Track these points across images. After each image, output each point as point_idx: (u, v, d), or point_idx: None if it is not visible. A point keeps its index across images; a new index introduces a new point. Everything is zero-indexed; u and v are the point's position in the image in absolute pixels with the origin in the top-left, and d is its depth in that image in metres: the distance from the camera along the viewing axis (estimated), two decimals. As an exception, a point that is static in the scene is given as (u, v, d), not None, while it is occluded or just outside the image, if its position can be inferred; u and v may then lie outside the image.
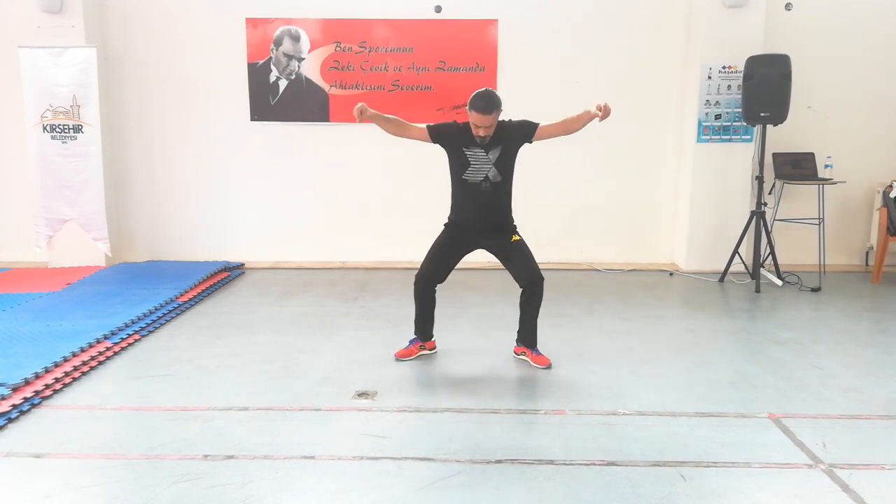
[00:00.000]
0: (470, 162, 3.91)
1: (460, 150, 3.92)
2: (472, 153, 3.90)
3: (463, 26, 6.68)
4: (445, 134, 3.97)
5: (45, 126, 6.40)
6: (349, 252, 6.99)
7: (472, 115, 3.78)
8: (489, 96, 3.77)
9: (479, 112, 3.74)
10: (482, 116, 3.74)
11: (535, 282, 3.98)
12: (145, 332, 4.67)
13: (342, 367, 4.05)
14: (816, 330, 4.86)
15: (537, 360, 4.05)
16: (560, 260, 6.78)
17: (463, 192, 4.00)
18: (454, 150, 3.95)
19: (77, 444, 3.05)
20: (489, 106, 3.74)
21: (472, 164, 3.91)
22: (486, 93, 3.79)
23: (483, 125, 3.77)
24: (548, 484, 2.72)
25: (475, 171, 3.92)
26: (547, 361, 4.04)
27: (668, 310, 5.37)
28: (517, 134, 3.95)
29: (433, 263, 4.04)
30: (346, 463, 2.89)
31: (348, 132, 6.82)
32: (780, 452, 3.00)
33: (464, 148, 3.91)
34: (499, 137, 3.89)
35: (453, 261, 4.08)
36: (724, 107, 6.47)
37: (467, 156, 3.91)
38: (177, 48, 6.71)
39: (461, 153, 3.92)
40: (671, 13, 6.65)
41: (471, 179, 3.93)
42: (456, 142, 3.93)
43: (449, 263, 4.07)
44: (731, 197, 6.56)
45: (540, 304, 4.05)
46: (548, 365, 4.02)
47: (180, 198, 6.94)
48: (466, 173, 3.93)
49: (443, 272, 4.07)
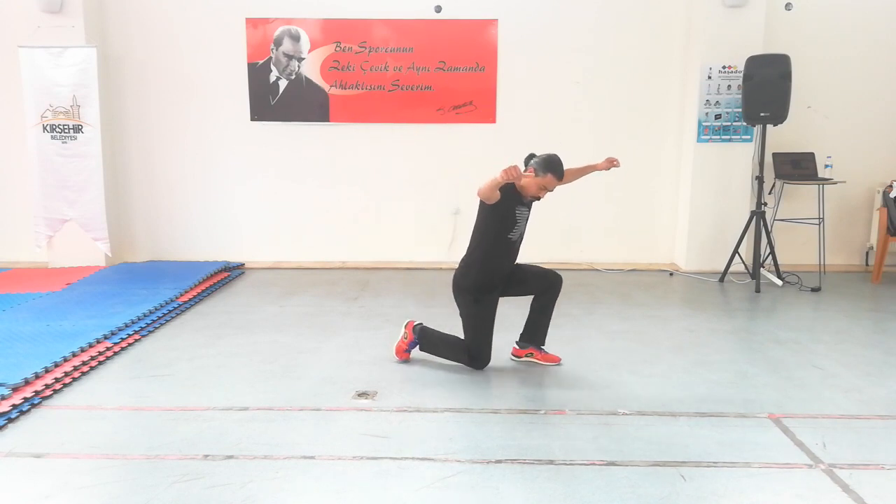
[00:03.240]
0: (517, 221, 3.86)
1: (512, 212, 3.82)
2: (520, 213, 3.87)
3: (463, 26, 6.68)
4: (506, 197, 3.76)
5: (44, 126, 6.40)
6: (349, 252, 7.00)
7: (546, 179, 3.74)
8: (561, 162, 3.80)
9: (556, 177, 3.76)
10: (557, 182, 3.78)
11: (554, 282, 4.00)
12: (145, 332, 4.67)
13: (342, 367, 4.05)
14: (816, 330, 4.86)
15: (547, 359, 4.07)
16: (560, 260, 6.78)
17: (502, 249, 3.89)
18: (508, 211, 3.80)
19: (77, 444, 3.05)
20: (563, 172, 3.81)
21: (519, 222, 3.87)
22: (558, 159, 3.79)
23: (553, 188, 3.80)
24: (548, 484, 2.72)
25: (518, 228, 3.89)
26: (557, 358, 4.07)
27: (668, 310, 5.37)
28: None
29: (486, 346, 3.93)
30: (346, 463, 2.89)
31: (348, 132, 6.82)
32: (780, 452, 3.00)
33: (516, 209, 3.83)
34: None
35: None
36: (724, 107, 6.47)
37: (517, 216, 3.85)
38: (177, 48, 6.71)
39: (512, 214, 3.82)
40: (671, 13, 6.65)
41: (513, 237, 3.89)
42: (512, 203, 3.80)
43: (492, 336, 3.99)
44: (731, 197, 6.56)
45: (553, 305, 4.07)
46: (558, 362, 4.06)
47: (180, 198, 6.94)
48: (513, 231, 3.86)
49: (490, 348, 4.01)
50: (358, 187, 6.91)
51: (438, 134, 6.82)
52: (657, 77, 6.77)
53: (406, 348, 4.13)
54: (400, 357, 4.14)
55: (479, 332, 3.92)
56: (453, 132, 6.79)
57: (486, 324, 3.93)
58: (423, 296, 5.72)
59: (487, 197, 3.65)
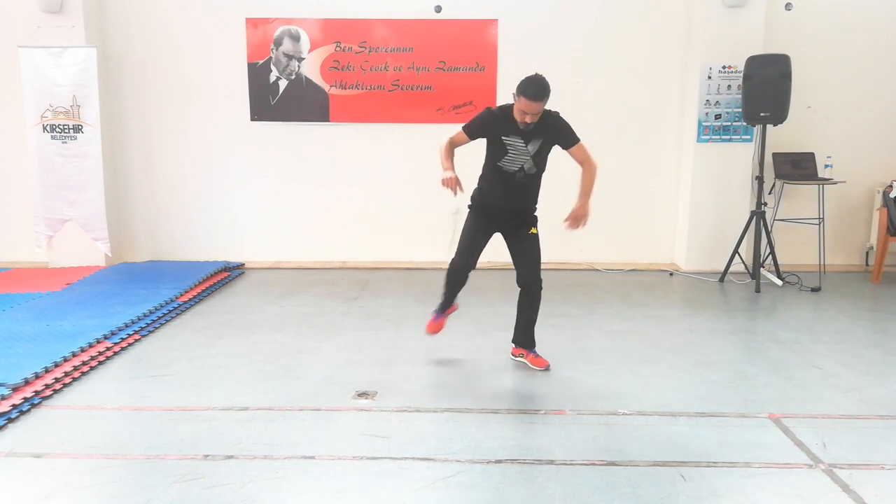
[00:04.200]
0: (508, 151, 3.78)
1: (499, 139, 3.78)
2: (511, 142, 3.77)
3: (463, 26, 6.68)
4: (481, 128, 3.84)
5: (44, 126, 6.40)
6: (349, 252, 6.99)
7: (521, 101, 3.60)
8: (541, 83, 3.59)
9: (529, 99, 3.57)
10: (532, 103, 3.58)
11: (533, 283, 3.95)
12: (145, 332, 4.67)
13: (342, 367, 4.05)
14: (816, 330, 4.86)
15: (536, 363, 4.03)
16: (560, 260, 6.78)
17: (496, 178, 3.89)
18: (493, 138, 3.82)
19: (77, 444, 3.05)
20: (540, 93, 3.57)
21: (511, 153, 3.79)
22: (537, 79, 3.60)
23: (532, 112, 3.61)
24: (548, 484, 2.72)
25: (512, 161, 3.80)
26: (545, 363, 4.01)
27: (668, 310, 5.37)
28: (558, 134, 3.81)
29: (466, 253, 3.98)
30: (346, 463, 2.89)
31: (348, 132, 6.82)
32: (780, 452, 3.00)
33: (503, 136, 3.76)
34: (542, 130, 3.75)
35: (483, 246, 4.02)
36: (724, 107, 6.47)
37: (506, 145, 3.77)
38: (177, 48, 6.71)
39: (500, 141, 3.78)
40: (671, 13, 6.65)
41: (506, 168, 3.82)
42: (494, 130, 3.79)
43: (479, 250, 4.01)
44: (731, 197, 6.56)
45: (538, 307, 4.02)
46: (546, 367, 4.00)
47: (180, 198, 6.94)
48: (503, 161, 3.82)
49: (475, 260, 4.01)
50: (358, 187, 6.91)
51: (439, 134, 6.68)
52: (657, 77, 6.77)
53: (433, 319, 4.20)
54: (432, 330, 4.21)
55: (463, 237, 4.01)
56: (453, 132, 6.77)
57: (470, 233, 3.99)
58: (423, 296, 5.72)
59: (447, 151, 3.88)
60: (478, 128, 3.87)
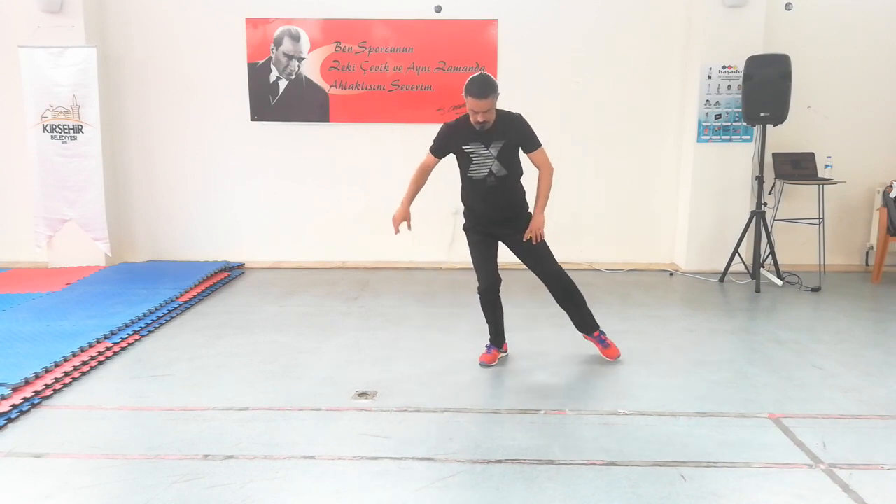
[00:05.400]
0: (472, 158, 3.84)
1: (461, 149, 3.86)
2: (472, 149, 3.82)
3: (463, 26, 6.68)
4: (443, 144, 3.91)
5: (44, 126, 6.40)
6: (349, 252, 6.99)
7: (468, 101, 3.66)
8: (483, 81, 3.65)
9: (474, 97, 3.62)
10: (478, 101, 3.62)
11: (552, 273, 3.98)
12: (145, 332, 4.67)
13: (342, 367, 4.05)
14: (816, 330, 4.86)
15: (606, 353, 4.12)
16: (560, 260, 6.72)
17: (471, 188, 3.93)
18: (456, 150, 3.89)
19: (77, 444, 3.05)
20: (483, 90, 3.61)
21: (475, 160, 3.83)
22: (480, 77, 3.67)
23: (480, 110, 3.64)
24: (548, 484, 2.72)
25: (479, 167, 3.84)
26: (616, 354, 4.12)
27: (668, 310, 5.37)
28: (519, 136, 3.85)
29: (482, 272, 3.97)
30: (346, 463, 2.89)
31: (348, 132, 6.82)
32: (780, 452, 3.00)
33: (464, 146, 3.84)
34: (503, 131, 3.79)
35: (492, 258, 4.00)
36: (724, 107, 6.47)
37: (468, 153, 3.84)
38: (177, 48, 6.71)
39: (462, 151, 3.86)
40: (671, 13, 6.65)
41: (476, 176, 3.86)
42: (455, 141, 3.86)
43: (492, 263, 3.99)
44: (731, 197, 6.56)
45: (574, 290, 4.04)
46: (616, 357, 4.10)
47: (180, 198, 6.94)
48: (471, 170, 3.86)
49: (494, 275, 3.99)
50: (358, 187, 6.91)
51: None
52: (657, 77, 6.76)
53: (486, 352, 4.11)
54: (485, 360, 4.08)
55: (472, 259, 4.03)
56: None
57: (474, 252, 4.01)
58: (423, 296, 5.72)
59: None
60: (440, 144, 3.94)
